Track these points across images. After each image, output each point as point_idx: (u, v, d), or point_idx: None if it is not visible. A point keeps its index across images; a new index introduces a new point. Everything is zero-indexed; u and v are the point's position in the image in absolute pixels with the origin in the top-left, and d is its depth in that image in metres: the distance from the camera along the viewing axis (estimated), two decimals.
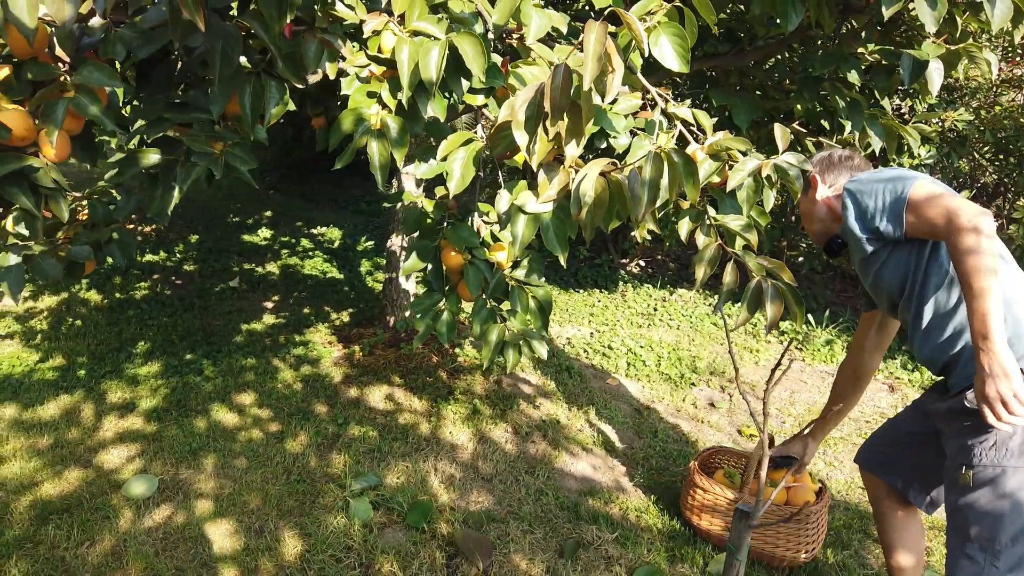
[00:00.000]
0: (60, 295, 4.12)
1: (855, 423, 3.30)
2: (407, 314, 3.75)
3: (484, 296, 1.95)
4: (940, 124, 3.62)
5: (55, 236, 1.89)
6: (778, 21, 2.35)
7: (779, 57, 3.29)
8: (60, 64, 1.51)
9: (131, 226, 5.38)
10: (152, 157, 1.56)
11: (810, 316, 4.38)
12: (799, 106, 3.01)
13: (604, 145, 2.27)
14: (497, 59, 1.91)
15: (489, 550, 2.22)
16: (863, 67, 2.63)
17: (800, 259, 4.73)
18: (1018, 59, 4.44)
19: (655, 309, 4.60)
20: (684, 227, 1.78)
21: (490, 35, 1.92)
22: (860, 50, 2.67)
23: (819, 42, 2.90)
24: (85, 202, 1.90)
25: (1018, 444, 1.52)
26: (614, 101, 2.04)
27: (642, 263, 5.54)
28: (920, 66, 2.37)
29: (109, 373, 3.22)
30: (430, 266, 1.99)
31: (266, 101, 1.47)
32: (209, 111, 1.49)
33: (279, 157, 7.42)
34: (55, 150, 1.46)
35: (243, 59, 1.50)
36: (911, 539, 1.95)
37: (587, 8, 3.27)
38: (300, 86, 1.51)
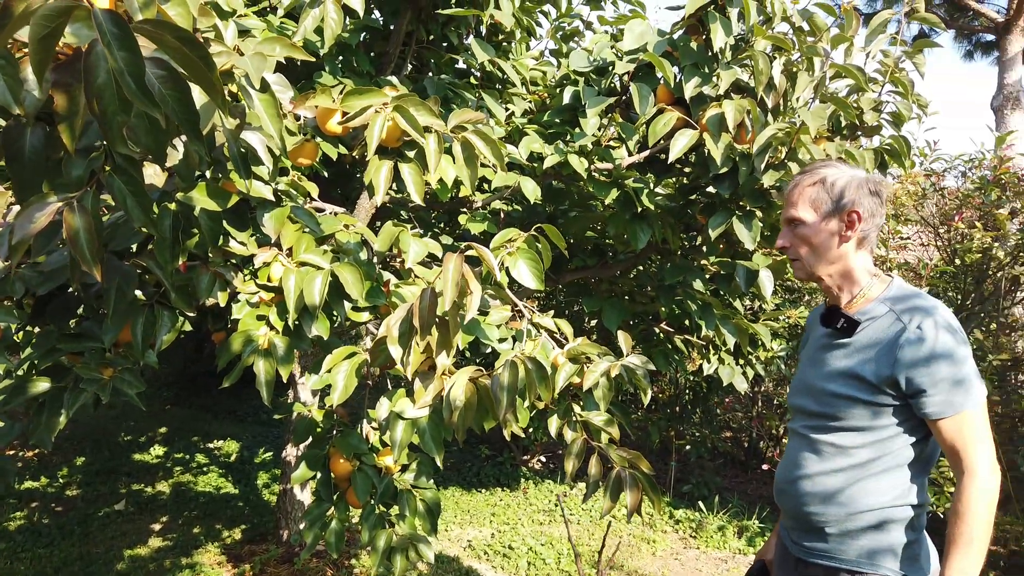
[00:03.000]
0: None
1: None
2: (301, 526, 3.67)
3: (373, 502, 2.01)
4: (787, 321, 4.08)
5: None
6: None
7: (641, 267, 3.70)
8: None
9: (12, 451, 5.12)
10: (41, 386, 1.63)
11: (701, 503, 4.52)
12: (663, 308, 3.36)
13: (489, 350, 2.48)
14: (391, 277, 2.13)
15: None
16: (708, 276, 3.02)
17: (688, 447, 4.95)
18: None
19: (556, 504, 4.65)
20: (553, 424, 1.95)
21: (375, 260, 2.16)
22: (704, 262, 3.07)
23: (678, 253, 3.30)
24: None
25: None
26: (485, 313, 2.27)
27: (543, 459, 5.63)
28: (752, 275, 2.75)
29: None
30: (319, 475, 2.06)
31: (158, 329, 1.61)
32: (101, 340, 1.61)
33: (178, 372, 7.34)
34: None
35: (138, 292, 1.65)
36: None
37: (469, 229, 3.62)
38: (192, 314, 1.66)
